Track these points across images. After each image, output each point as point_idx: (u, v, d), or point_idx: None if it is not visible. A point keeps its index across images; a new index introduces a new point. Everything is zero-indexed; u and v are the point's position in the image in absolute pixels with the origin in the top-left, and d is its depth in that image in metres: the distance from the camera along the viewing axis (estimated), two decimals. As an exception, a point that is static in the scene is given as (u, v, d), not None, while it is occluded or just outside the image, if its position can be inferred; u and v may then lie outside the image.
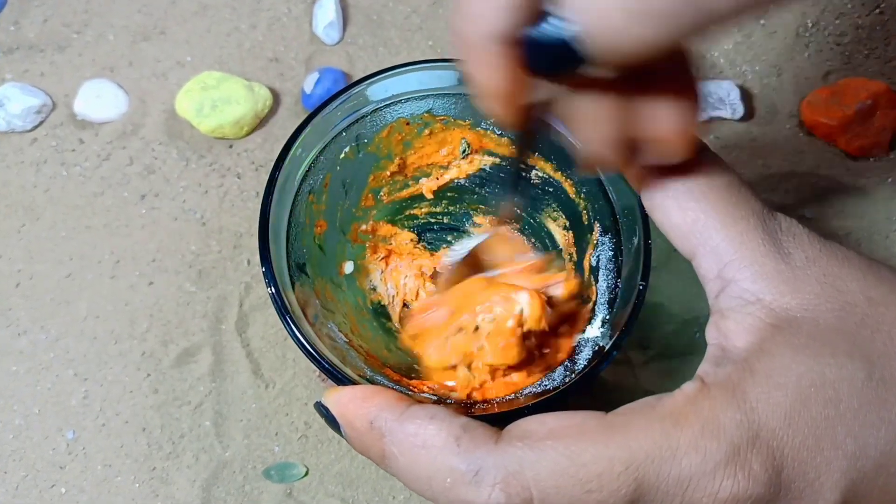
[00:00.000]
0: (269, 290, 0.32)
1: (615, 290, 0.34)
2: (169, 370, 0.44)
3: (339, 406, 0.29)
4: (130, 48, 0.52)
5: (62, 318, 0.45)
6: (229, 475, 0.41)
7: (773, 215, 0.29)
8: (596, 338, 0.34)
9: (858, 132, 0.48)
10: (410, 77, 0.37)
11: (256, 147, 0.49)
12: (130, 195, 0.48)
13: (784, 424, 0.25)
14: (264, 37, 0.53)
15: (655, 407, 0.26)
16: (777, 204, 0.48)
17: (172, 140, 0.49)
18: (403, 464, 0.27)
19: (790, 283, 0.28)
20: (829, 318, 0.27)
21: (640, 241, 0.34)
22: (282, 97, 0.51)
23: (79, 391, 0.43)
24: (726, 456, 0.25)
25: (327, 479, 0.41)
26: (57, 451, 0.42)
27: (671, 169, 0.30)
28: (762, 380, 0.26)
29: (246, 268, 0.46)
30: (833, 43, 0.53)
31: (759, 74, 0.52)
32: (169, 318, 0.45)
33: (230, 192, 0.48)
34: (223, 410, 0.43)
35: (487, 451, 0.26)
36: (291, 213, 0.36)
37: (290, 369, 0.44)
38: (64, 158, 0.49)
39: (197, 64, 0.52)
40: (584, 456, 0.25)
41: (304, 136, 0.36)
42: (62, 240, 0.47)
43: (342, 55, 0.52)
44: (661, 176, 0.30)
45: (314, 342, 0.32)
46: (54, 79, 0.51)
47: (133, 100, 0.51)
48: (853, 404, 0.26)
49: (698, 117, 0.28)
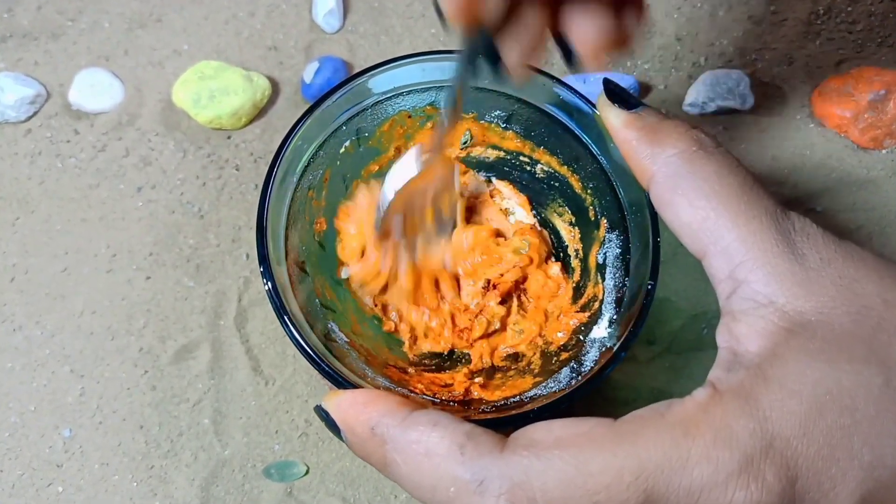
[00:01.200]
0: (267, 288, 0.31)
1: (623, 289, 0.33)
2: (167, 367, 0.43)
3: (340, 411, 0.29)
4: (126, 36, 0.51)
5: (58, 313, 0.44)
6: (229, 474, 0.41)
7: (786, 214, 0.28)
8: (603, 338, 0.33)
9: (871, 123, 0.47)
10: (413, 69, 0.36)
11: (255, 138, 0.48)
12: (126, 187, 0.47)
13: (799, 433, 0.24)
14: (263, 25, 0.52)
15: (665, 414, 0.25)
16: (787, 197, 0.47)
17: (169, 131, 0.48)
18: (406, 472, 0.27)
19: (804, 285, 0.27)
20: (845, 321, 0.26)
21: (649, 238, 0.33)
22: (281, 87, 0.50)
23: (75, 388, 0.42)
24: (739, 466, 0.24)
25: (328, 478, 0.41)
26: (53, 450, 0.41)
27: (682, 165, 0.29)
28: (776, 387, 0.25)
29: (245, 262, 0.45)
30: (845, 31, 0.51)
31: (770, 63, 0.51)
32: (167, 314, 0.44)
33: (228, 185, 0.47)
34: (222, 408, 0.42)
35: (492, 460, 0.25)
36: (290, 209, 0.35)
37: (291, 366, 0.43)
38: (59, 150, 0.48)
39: (194, 52, 0.51)
40: (593, 466, 0.24)
41: (303, 129, 0.35)
42: (57, 233, 0.46)
43: (343, 43, 0.51)
44: (670, 172, 0.30)
45: (313, 343, 0.31)
46: (48, 68, 0.50)
47: (129, 89, 0.49)
48: (870, 412, 0.25)
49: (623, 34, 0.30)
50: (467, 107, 0.38)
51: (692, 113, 0.49)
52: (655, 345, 0.44)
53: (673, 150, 0.30)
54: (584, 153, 0.36)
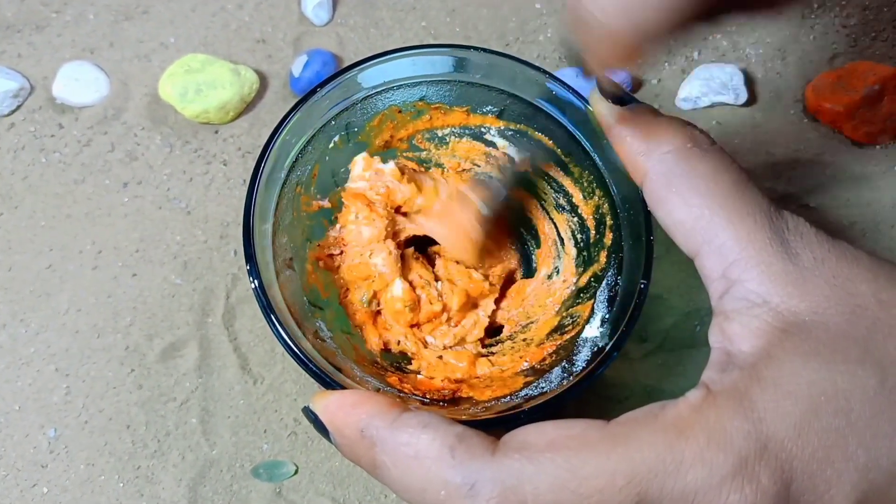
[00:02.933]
0: (253, 287, 0.31)
1: (615, 288, 0.33)
2: (154, 365, 0.42)
3: (328, 412, 0.28)
4: (112, 28, 0.50)
5: (42, 311, 0.43)
6: (217, 474, 0.40)
7: (779, 213, 0.28)
8: (595, 337, 0.32)
9: (865, 118, 0.47)
10: (403, 63, 0.36)
11: (243, 132, 0.48)
12: (112, 183, 0.46)
13: (794, 435, 0.24)
14: (251, 17, 0.51)
15: (658, 416, 0.25)
16: (780, 192, 0.46)
17: (156, 125, 0.48)
18: (395, 475, 0.26)
19: (798, 284, 0.27)
20: (840, 321, 0.26)
21: (642, 236, 0.32)
22: (269, 80, 0.49)
23: (60, 387, 0.42)
24: (733, 469, 0.24)
25: (318, 478, 0.40)
26: (38, 450, 0.40)
27: (677, 162, 0.29)
28: (770, 388, 0.25)
29: (233, 258, 0.45)
30: (839, 25, 0.51)
31: (763, 58, 0.50)
32: (153, 311, 0.43)
33: (216, 180, 0.47)
34: (210, 407, 0.41)
35: (484, 463, 0.25)
36: (278, 206, 0.34)
37: (279, 364, 0.42)
38: (43, 144, 0.47)
39: (181, 45, 0.50)
40: (586, 469, 0.24)
41: (291, 124, 0.34)
42: (42, 229, 0.45)
43: (332, 36, 0.50)
44: (665, 169, 0.29)
45: (301, 343, 0.30)
46: (32, 61, 0.49)
47: (114, 83, 0.49)
48: (865, 413, 0.25)
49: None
50: (460, 100, 0.37)
51: (685, 108, 0.49)
52: (648, 342, 0.43)
53: (668, 147, 0.29)
54: (577, 149, 0.35)
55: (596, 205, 0.35)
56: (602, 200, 0.35)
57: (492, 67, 0.36)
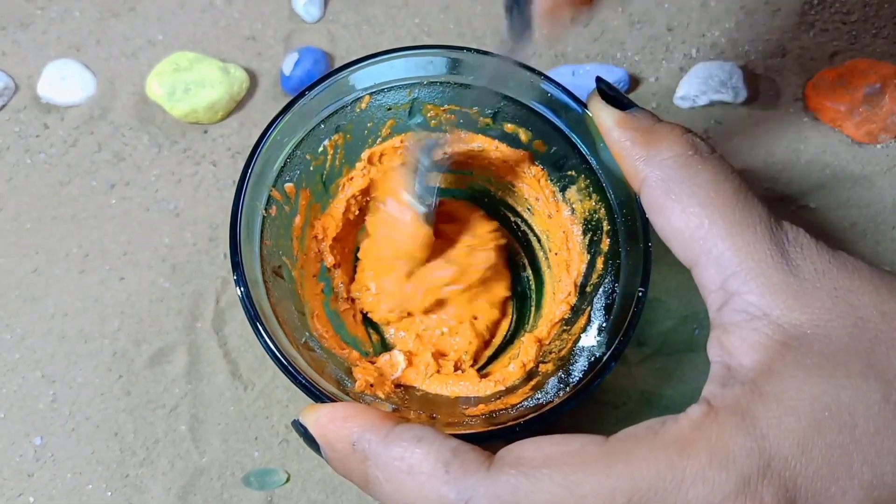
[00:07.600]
0: (239, 293, 0.30)
1: (612, 295, 0.32)
2: (142, 371, 0.41)
3: (319, 426, 0.27)
4: (98, 25, 0.49)
5: (28, 315, 0.42)
6: (207, 482, 0.39)
7: (779, 224, 0.27)
8: (592, 347, 0.32)
9: (866, 117, 0.46)
10: (396, 64, 0.35)
11: (233, 132, 0.47)
12: (99, 184, 0.45)
13: (797, 452, 0.24)
14: (241, 14, 0.50)
15: (659, 433, 0.24)
16: (780, 193, 0.46)
17: (143, 125, 0.47)
18: (388, 490, 0.26)
19: (799, 297, 0.26)
20: (842, 334, 0.25)
21: (640, 242, 0.31)
22: (259, 79, 0.48)
23: (46, 394, 0.41)
24: (736, 487, 0.23)
25: (309, 486, 0.39)
26: (24, 458, 0.40)
27: (676, 169, 0.28)
28: (773, 403, 0.24)
29: (222, 261, 0.44)
30: (839, 21, 0.50)
31: (763, 55, 0.49)
32: (142, 316, 0.43)
33: (205, 181, 0.46)
34: (199, 414, 0.41)
35: (479, 479, 0.24)
36: (267, 210, 0.33)
37: (270, 370, 0.41)
38: (28, 145, 0.46)
39: (169, 42, 0.49)
40: (584, 487, 0.23)
41: (282, 124, 0.33)
42: (27, 232, 0.44)
43: (323, 33, 0.49)
44: (664, 176, 0.29)
45: (289, 353, 0.29)
46: (16, 59, 0.48)
47: (101, 81, 0.48)
48: (869, 429, 0.24)
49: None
50: (453, 103, 0.36)
51: (683, 106, 0.48)
52: (646, 346, 0.43)
53: (668, 154, 0.28)
54: (573, 152, 0.34)
55: (592, 209, 0.35)
56: (598, 205, 0.34)
57: (485, 69, 0.35)
